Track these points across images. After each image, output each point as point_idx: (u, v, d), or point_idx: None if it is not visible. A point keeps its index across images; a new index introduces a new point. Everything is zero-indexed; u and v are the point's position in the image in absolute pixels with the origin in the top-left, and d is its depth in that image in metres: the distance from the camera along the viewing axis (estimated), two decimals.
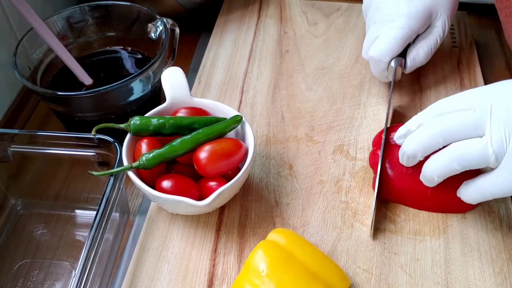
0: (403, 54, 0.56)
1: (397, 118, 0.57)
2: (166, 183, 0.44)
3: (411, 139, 0.45)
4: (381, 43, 0.55)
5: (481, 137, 0.40)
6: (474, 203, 0.44)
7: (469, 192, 0.44)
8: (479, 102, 0.41)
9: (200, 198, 0.44)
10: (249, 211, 0.49)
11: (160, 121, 0.46)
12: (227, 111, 0.49)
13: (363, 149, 0.54)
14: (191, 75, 0.65)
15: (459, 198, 0.45)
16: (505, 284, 0.43)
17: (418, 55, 0.56)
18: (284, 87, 0.62)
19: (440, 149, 0.43)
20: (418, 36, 0.56)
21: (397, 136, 0.48)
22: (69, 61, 0.54)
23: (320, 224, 0.48)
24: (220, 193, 0.42)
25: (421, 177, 0.46)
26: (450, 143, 0.42)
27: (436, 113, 0.44)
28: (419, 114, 0.46)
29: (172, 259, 0.46)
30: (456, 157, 0.41)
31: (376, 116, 0.58)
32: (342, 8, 0.73)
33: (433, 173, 0.43)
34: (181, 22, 0.59)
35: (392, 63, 0.55)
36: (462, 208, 0.48)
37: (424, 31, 0.56)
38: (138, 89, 0.53)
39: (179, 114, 0.48)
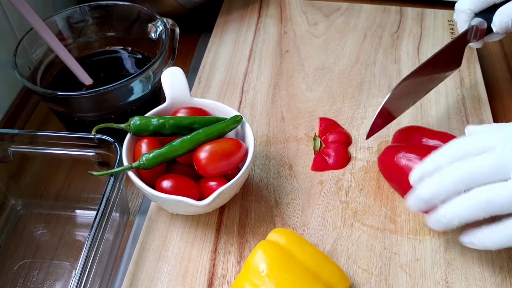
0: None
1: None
2: (166, 183, 0.44)
3: (429, 183, 0.41)
4: None
5: (506, 180, 0.37)
6: (493, 249, 0.40)
7: (492, 237, 0.40)
8: (503, 142, 0.38)
9: (200, 198, 0.44)
10: (249, 211, 0.49)
11: (160, 121, 0.46)
12: (227, 111, 0.49)
13: (363, 149, 0.54)
14: (191, 75, 0.65)
15: None
16: (505, 284, 0.43)
17: (509, 10, 0.50)
18: (284, 87, 0.62)
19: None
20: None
21: (412, 179, 0.43)
22: (69, 61, 0.54)
23: (320, 224, 0.48)
24: (220, 193, 0.42)
25: (435, 221, 0.41)
26: (472, 188, 0.39)
27: (456, 154, 0.40)
28: (435, 154, 0.42)
29: (172, 259, 0.46)
30: (482, 202, 0.38)
31: None
32: (342, 8, 0.73)
33: (453, 218, 0.39)
34: (181, 22, 0.59)
35: (473, 22, 0.52)
36: None
37: None
38: (138, 89, 0.53)
39: (179, 114, 0.48)
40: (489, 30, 0.53)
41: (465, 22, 0.54)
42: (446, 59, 0.52)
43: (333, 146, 0.54)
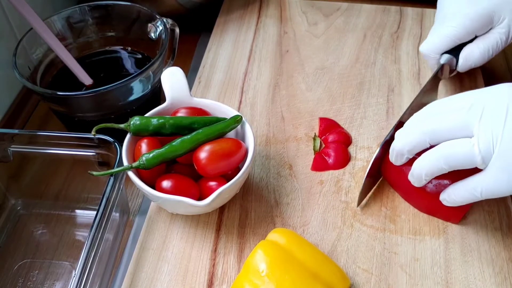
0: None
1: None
2: (166, 183, 0.44)
3: (400, 135, 0.45)
4: (429, 39, 0.55)
5: (470, 137, 0.40)
6: (463, 203, 0.44)
7: (458, 191, 0.43)
8: (472, 103, 0.41)
9: (200, 198, 0.44)
10: (249, 211, 0.49)
11: (160, 121, 0.46)
12: (227, 111, 0.49)
13: (363, 149, 0.54)
14: (191, 75, 0.65)
15: (451, 207, 0.45)
16: (505, 284, 0.43)
17: (472, 54, 0.54)
18: (284, 87, 0.62)
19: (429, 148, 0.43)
20: (476, 37, 0.54)
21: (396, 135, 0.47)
22: (69, 61, 0.54)
23: (320, 224, 0.48)
24: (220, 193, 0.42)
25: (410, 176, 0.45)
26: (440, 143, 0.42)
27: (432, 113, 0.44)
28: (416, 113, 0.46)
29: (172, 259, 0.46)
30: (444, 156, 0.41)
31: (376, 116, 0.58)
32: (342, 8, 0.73)
33: (421, 171, 0.44)
34: (181, 22, 0.59)
35: (442, 60, 0.55)
36: (453, 217, 0.48)
37: (485, 33, 0.54)
38: (138, 89, 0.53)
39: (179, 114, 0.48)
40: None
41: (435, 60, 0.56)
42: (424, 98, 0.54)
43: (333, 146, 0.54)
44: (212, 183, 0.45)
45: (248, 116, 0.58)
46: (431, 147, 0.43)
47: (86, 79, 0.55)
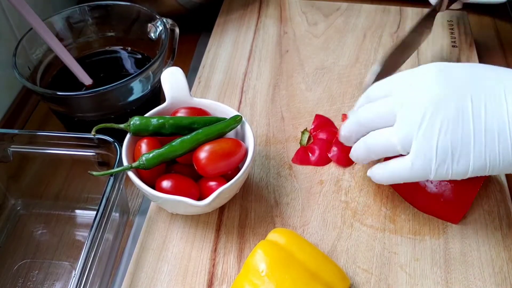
0: None
1: None
2: (166, 183, 0.44)
3: (345, 124, 0.47)
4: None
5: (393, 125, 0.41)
6: (384, 183, 0.46)
7: (380, 173, 0.44)
8: (398, 88, 0.41)
9: (200, 198, 0.44)
10: (249, 211, 0.49)
11: (160, 121, 0.46)
12: (227, 111, 0.49)
13: None
14: (191, 75, 0.65)
15: (451, 207, 0.45)
16: (505, 284, 0.43)
17: None
18: (283, 87, 0.62)
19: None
20: None
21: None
22: (69, 61, 0.54)
23: (320, 224, 0.48)
24: (220, 193, 0.42)
25: (350, 156, 0.48)
26: (372, 130, 0.43)
27: (367, 99, 0.46)
28: (361, 96, 0.47)
29: (172, 259, 0.46)
30: (369, 145, 0.43)
31: None
32: (342, 8, 0.73)
33: (356, 158, 0.47)
34: (181, 22, 0.59)
35: None
36: (453, 217, 0.48)
37: None
38: (138, 89, 0.53)
39: (179, 114, 0.48)
40: None
41: None
42: (420, 30, 0.56)
43: (320, 143, 0.54)
44: (212, 183, 0.45)
45: (248, 116, 0.58)
46: None
47: (86, 79, 0.55)
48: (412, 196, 0.49)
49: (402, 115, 0.40)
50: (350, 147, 0.52)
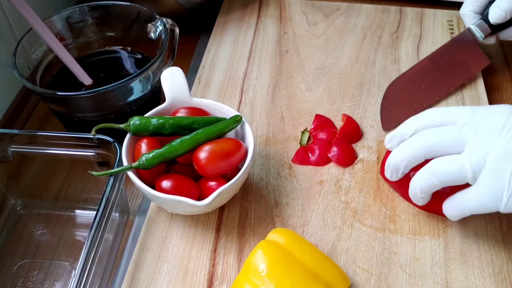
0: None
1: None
2: (166, 183, 0.44)
3: (396, 151, 0.44)
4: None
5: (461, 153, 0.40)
6: (455, 219, 0.44)
7: (450, 209, 0.43)
8: (468, 119, 0.41)
9: (200, 198, 0.44)
10: (249, 211, 0.49)
11: (160, 121, 0.46)
12: (227, 111, 0.49)
13: (363, 149, 0.54)
14: (191, 75, 0.65)
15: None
16: (505, 284, 0.43)
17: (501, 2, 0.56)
18: (283, 87, 0.62)
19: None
20: None
21: (386, 140, 0.47)
22: (69, 61, 0.54)
23: (320, 224, 0.48)
24: (220, 193, 0.42)
25: (409, 193, 0.45)
26: (435, 157, 0.42)
27: (427, 123, 0.43)
28: (410, 120, 0.45)
29: (172, 259, 0.46)
30: (435, 172, 0.41)
31: (375, 116, 0.58)
32: (342, 8, 0.73)
33: (416, 188, 0.43)
34: (181, 22, 0.59)
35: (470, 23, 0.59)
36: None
37: None
38: (137, 89, 0.53)
39: (179, 114, 0.48)
40: (497, 28, 0.59)
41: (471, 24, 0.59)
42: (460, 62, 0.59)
43: (319, 143, 0.54)
44: (212, 183, 0.45)
45: (248, 116, 0.58)
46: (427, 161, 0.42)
47: (86, 79, 0.55)
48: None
49: (475, 142, 0.40)
50: (350, 147, 0.53)
